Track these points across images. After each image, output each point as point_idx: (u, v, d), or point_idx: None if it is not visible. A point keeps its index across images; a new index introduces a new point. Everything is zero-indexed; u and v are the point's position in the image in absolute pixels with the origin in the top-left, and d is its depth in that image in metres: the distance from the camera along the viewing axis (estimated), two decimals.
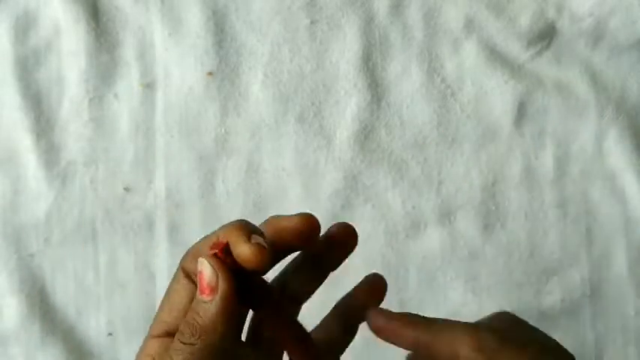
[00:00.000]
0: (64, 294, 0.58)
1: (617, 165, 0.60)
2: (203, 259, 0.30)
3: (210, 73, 0.59)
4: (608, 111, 0.60)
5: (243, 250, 0.30)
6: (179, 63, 0.59)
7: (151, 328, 0.33)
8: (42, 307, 0.58)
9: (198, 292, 0.30)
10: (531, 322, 0.58)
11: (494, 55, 0.60)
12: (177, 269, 0.33)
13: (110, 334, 0.58)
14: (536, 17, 0.61)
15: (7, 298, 0.57)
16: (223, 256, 0.30)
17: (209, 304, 0.30)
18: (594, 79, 0.60)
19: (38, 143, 0.58)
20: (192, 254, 0.32)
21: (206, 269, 0.30)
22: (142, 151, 0.59)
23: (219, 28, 0.60)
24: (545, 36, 0.61)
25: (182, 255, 0.39)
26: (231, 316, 0.30)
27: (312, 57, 0.60)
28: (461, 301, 0.58)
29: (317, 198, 0.58)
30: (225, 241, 0.30)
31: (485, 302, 0.58)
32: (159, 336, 0.32)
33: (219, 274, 0.30)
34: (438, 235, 0.59)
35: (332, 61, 0.60)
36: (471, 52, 0.60)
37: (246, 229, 0.31)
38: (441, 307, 0.58)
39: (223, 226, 0.31)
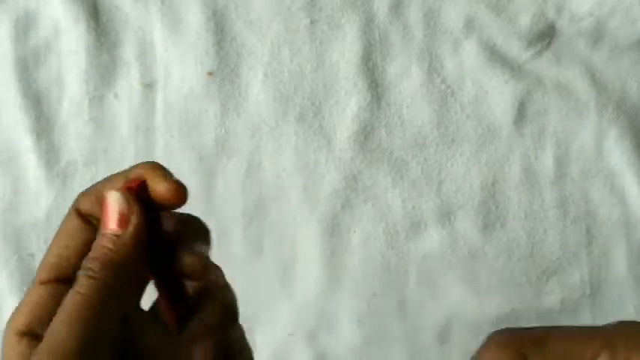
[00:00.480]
0: None
1: (617, 165, 0.60)
2: (114, 192, 0.29)
3: (210, 73, 0.59)
4: (608, 111, 0.60)
5: (164, 187, 0.30)
6: (179, 63, 0.59)
7: (36, 275, 0.31)
8: None
9: (103, 227, 0.30)
10: (532, 322, 0.58)
11: (495, 55, 0.60)
12: (69, 212, 0.31)
13: None
14: (536, 17, 0.61)
15: (7, 298, 0.57)
16: (137, 191, 0.30)
17: (122, 236, 0.29)
18: (594, 79, 0.60)
19: (38, 143, 0.58)
20: (91, 194, 0.31)
21: (118, 202, 0.29)
22: (142, 150, 0.59)
23: (219, 28, 0.60)
24: (545, 36, 0.61)
25: None
26: (142, 252, 0.30)
27: (312, 57, 0.60)
28: (461, 301, 0.59)
29: (317, 198, 0.58)
30: (142, 178, 0.30)
31: (485, 302, 0.58)
32: (48, 281, 0.30)
33: (135, 207, 0.30)
34: (437, 235, 0.59)
35: (332, 61, 0.60)
36: (471, 52, 0.60)
37: (163, 168, 0.30)
38: (441, 307, 0.59)
39: (133, 167, 0.31)
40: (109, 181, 0.31)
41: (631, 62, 0.61)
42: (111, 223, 0.29)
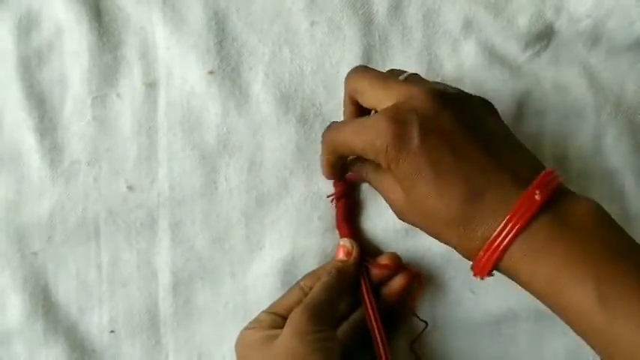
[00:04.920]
0: (66, 292, 0.58)
1: (615, 164, 0.60)
2: (345, 239, 0.56)
3: (211, 72, 0.59)
4: (606, 111, 0.60)
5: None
6: (181, 62, 0.59)
7: (300, 282, 0.55)
8: (45, 305, 0.58)
9: (336, 257, 0.56)
10: (531, 322, 0.59)
11: (493, 56, 0.61)
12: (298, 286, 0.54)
13: (112, 331, 0.58)
14: (535, 18, 0.61)
15: (10, 297, 0.58)
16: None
17: (347, 261, 0.55)
18: (592, 79, 0.61)
19: (42, 143, 0.58)
20: (313, 275, 0.55)
21: (347, 243, 0.56)
22: (145, 149, 0.59)
23: (221, 28, 0.60)
24: (543, 37, 0.61)
25: (184, 252, 0.57)
26: (356, 269, 0.55)
27: (312, 58, 0.60)
28: (460, 299, 0.59)
29: (319, 196, 0.58)
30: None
31: (484, 301, 0.59)
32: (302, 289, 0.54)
33: (355, 247, 0.55)
34: None
35: (332, 63, 0.60)
36: (470, 53, 0.61)
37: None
38: (440, 305, 0.59)
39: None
40: (323, 268, 0.56)
41: (629, 63, 0.61)
42: (341, 255, 0.55)
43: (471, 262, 0.45)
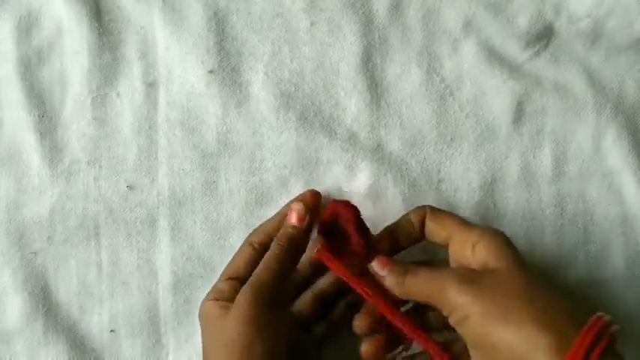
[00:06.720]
0: (66, 291, 0.58)
1: (614, 164, 0.60)
2: (298, 202, 0.52)
3: (211, 72, 0.59)
4: (606, 111, 0.60)
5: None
6: (181, 61, 0.59)
7: (248, 239, 0.53)
8: (45, 304, 0.58)
9: (287, 223, 0.51)
10: None
11: (493, 56, 0.61)
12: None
13: (112, 330, 0.58)
14: (535, 18, 0.61)
15: (10, 296, 0.58)
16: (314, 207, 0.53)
17: (299, 226, 0.51)
18: (592, 79, 0.61)
19: (42, 142, 0.59)
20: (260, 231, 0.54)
21: (301, 207, 0.52)
22: (145, 149, 0.59)
23: (220, 28, 0.60)
24: (543, 36, 0.61)
25: (184, 251, 0.58)
26: (307, 235, 0.52)
27: (312, 58, 0.60)
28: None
29: None
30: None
31: None
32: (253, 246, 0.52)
33: (308, 213, 0.52)
34: None
35: (332, 62, 0.60)
36: (469, 53, 0.61)
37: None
38: None
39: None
40: (272, 226, 0.53)
41: (628, 62, 0.61)
42: (294, 219, 0.51)
43: None
